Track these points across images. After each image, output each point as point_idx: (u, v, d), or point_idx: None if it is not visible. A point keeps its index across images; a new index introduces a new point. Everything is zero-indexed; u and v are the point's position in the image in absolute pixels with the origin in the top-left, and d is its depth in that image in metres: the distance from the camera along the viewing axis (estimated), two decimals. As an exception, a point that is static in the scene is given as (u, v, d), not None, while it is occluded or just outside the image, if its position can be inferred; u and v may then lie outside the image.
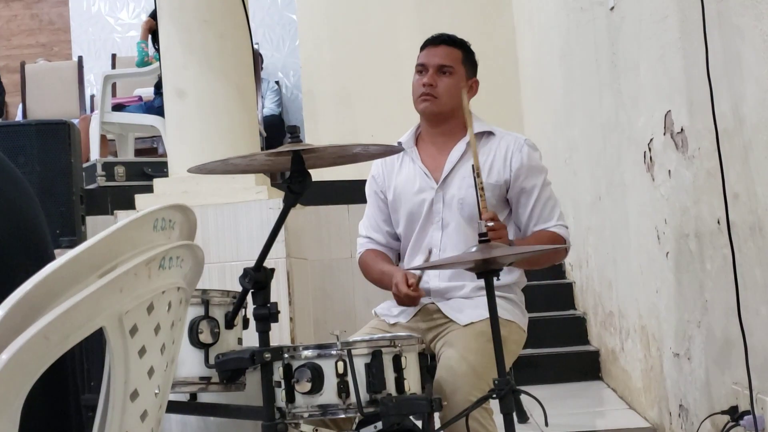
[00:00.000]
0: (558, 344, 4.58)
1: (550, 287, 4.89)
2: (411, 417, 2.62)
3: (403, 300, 2.58)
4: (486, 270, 2.17)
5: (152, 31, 6.29)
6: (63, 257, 1.04)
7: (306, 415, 2.13)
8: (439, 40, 2.78)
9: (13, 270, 1.05)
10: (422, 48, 2.80)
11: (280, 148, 2.04)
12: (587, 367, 4.47)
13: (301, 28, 7.41)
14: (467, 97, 2.70)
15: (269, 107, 8.00)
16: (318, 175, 2.22)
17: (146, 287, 1.11)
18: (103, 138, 6.01)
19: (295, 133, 2.04)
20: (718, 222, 2.42)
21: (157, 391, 1.17)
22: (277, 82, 8.46)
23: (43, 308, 1.00)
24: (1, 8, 8.70)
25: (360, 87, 6.53)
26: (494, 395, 2.16)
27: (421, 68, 2.75)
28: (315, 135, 6.62)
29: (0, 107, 6.83)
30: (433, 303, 2.71)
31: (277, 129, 7.63)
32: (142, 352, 1.12)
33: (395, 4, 6.46)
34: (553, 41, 5.10)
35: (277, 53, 8.57)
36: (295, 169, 2.03)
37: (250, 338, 2.38)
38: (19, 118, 7.13)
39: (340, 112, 6.66)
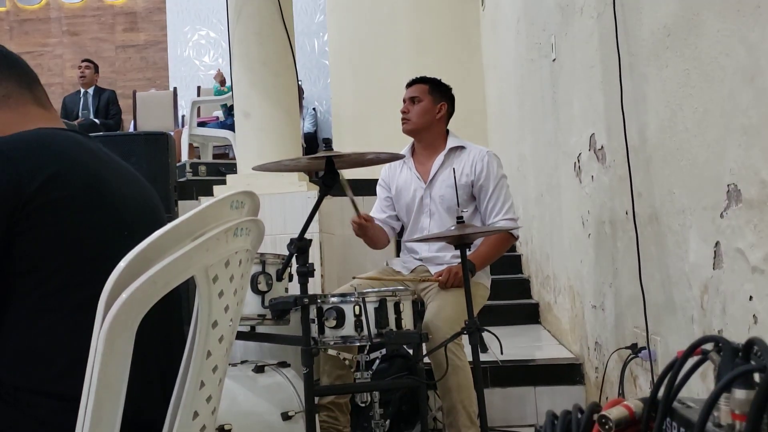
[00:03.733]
0: (510, 298, 4.56)
1: (505, 257, 4.79)
2: (405, 346, 2.63)
3: (355, 228, 2.67)
4: (461, 243, 2.18)
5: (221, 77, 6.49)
6: (167, 226, 1.04)
7: (332, 342, 2.14)
8: (412, 82, 2.85)
9: (138, 234, 1.04)
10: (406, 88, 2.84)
11: (317, 154, 2.04)
12: (530, 315, 4.45)
13: (331, 71, 7.39)
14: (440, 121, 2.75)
15: (307, 126, 7.99)
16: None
17: (225, 249, 1.12)
18: (190, 146, 6.01)
19: (328, 143, 2.04)
20: (626, 213, 2.41)
21: (230, 323, 1.18)
22: (314, 109, 8.43)
23: (153, 261, 1.00)
24: (120, 53, 8.67)
25: (372, 112, 6.50)
26: (465, 332, 2.17)
27: (403, 102, 2.79)
28: (341, 146, 6.61)
29: (118, 123, 6.81)
30: (423, 265, 2.72)
31: (313, 142, 7.62)
32: (220, 294, 1.12)
33: (398, 55, 6.42)
34: (510, 81, 5.07)
35: (314, 87, 8.54)
36: (327, 169, 2.03)
37: (293, 288, 2.39)
38: (130, 130, 7.11)
39: (358, 131, 6.65)
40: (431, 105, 2.75)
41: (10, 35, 8.57)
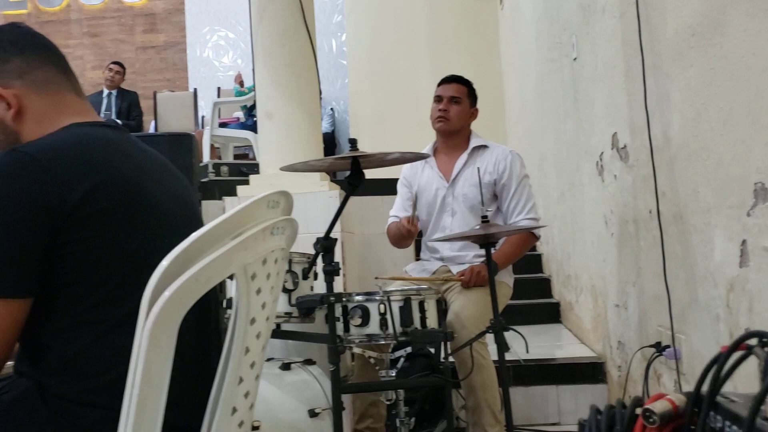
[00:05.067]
0: (530, 297, 4.56)
1: (525, 257, 4.82)
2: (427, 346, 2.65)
3: (404, 230, 2.61)
4: (486, 242, 2.19)
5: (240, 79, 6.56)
6: (208, 225, 1.07)
7: (357, 341, 2.15)
8: (451, 79, 2.80)
9: (178, 235, 1.06)
10: (439, 84, 2.81)
11: (344, 154, 2.06)
12: (551, 314, 4.45)
13: (349, 71, 7.42)
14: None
15: (325, 126, 8.02)
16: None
17: (262, 247, 1.14)
18: (212, 146, 6.06)
19: (354, 144, 2.06)
20: (650, 212, 2.42)
21: (267, 320, 1.20)
22: (331, 109, 8.47)
23: (194, 259, 1.03)
24: (140, 54, 8.75)
25: (390, 112, 6.52)
26: (490, 331, 2.19)
27: (438, 99, 2.76)
28: (359, 146, 6.63)
29: (139, 124, 6.88)
30: (445, 265, 2.74)
31: (330, 142, 7.65)
32: (258, 291, 1.15)
33: (416, 54, 6.44)
34: (530, 80, 5.07)
35: (331, 88, 8.58)
36: (353, 169, 2.05)
37: (318, 286, 2.42)
38: (151, 131, 7.18)
39: (376, 130, 6.67)
40: (468, 108, 2.77)
41: (32, 38, 8.69)
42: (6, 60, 1.27)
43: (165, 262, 1.00)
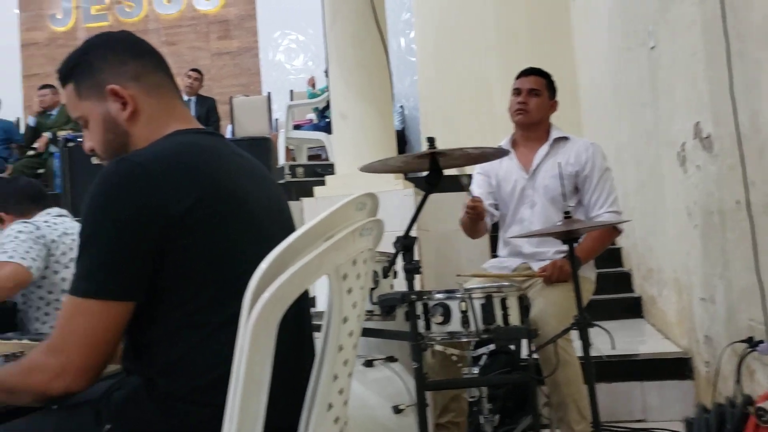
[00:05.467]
0: (610, 292, 4.47)
1: (605, 251, 4.75)
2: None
3: (469, 210, 2.59)
4: (569, 238, 2.17)
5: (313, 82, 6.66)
6: (301, 229, 1.10)
7: (438, 338, 2.16)
8: (530, 71, 2.78)
9: (275, 240, 1.10)
10: (517, 77, 2.79)
11: (422, 152, 2.07)
12: (632, 309, 4.35)
13: (419, 68, 7.42)
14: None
15: (395, 124, 8.04)
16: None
17: (353, 248, 1.17)
18: (287, 148, 6.19)
19: (432, 142, 2.06)
20: (737, 202, 2.34)
21: (357, 319, 1.23)
22: (401, 106, 8.50)
23: (290, 261, 1.06)
24: (216, 60, 9.01)
25: (460, 108, 6.50)
26: (575, 327, 2.16)
27: (517, 91, 2.75)
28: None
29: (217, 129, 7.07)
30: (525, 263, 2.72)
31: (400, 140, 7.68)
32: (349, 291, 1.17)
33: (486, 48, 6.39)
34: (604, 70, 4.96)
35: (400, 85, 8.60)
36: (432, 167, 2.06)
37: (398, 284, 2.44)
38: (228, 135, 7.36)
39: (446, 126, 6.65)
40: (547, 100, 2.75)
41: (114, 49, 9.05)
42: (124, 62, 1.31)
43: (263, 265, 1.04)
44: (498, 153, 2.31)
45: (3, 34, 8.41)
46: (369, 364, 2.30)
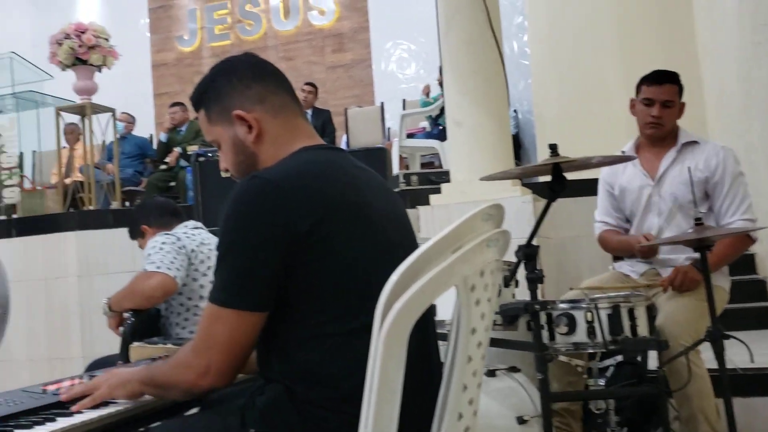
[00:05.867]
0: (743, 301, 4.20)
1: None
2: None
3: (644, 250, 2.49)
4: (701, 246, 2.07)
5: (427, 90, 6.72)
6: (431, 240, 1.12)
7: (563, 349, 2.12)
8: (663, 78, 2.61)
9: (400, 251, 1.13)
10: (648, 83, 2.63)
11: (545, 161, 2.05)
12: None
13: (533, 72, 7.31)
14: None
15: (509, 129, 7.96)
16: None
17: (480, 259, 1.17)
18: (400, 157, 6.26)
19: (555, 149, 2.03)
20: None
21: (485, 330, 1.23)
22: (515, 111, 8.39)
23: (420, 272, 1.08)
24: (330, 74, 9.25)
25: (577, 110, 6.33)
26: (708, 339, 2.06)
27: (648, 102, 2.61)
28: (545, 147, 6.54)
29: (332, 141, 7.26)
30: (654, 269, 2.62)
31: (514, 144, 7.57)
32: (477, 302, 1.18)
33: (603, 49, 6.20)
34: (731, 66, 4.69)
35: (513, 90, 8.46)
36: (555, 174, 2.03)
37: (520, 293, 2.42)
38: (343, 145, 7.53)
39: (563, 130, 6.49)
40: (678, 106, 2.63)
41: (235, 66, 9.50)
42: (248, 86, 1.38)
43: (395, 277, 1.06)
44: (621, 159, 2.24)
45: (136, 56, 9.01)
46: (491, 373, 2.28)
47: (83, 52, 4.62)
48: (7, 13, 9.72)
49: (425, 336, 1.33)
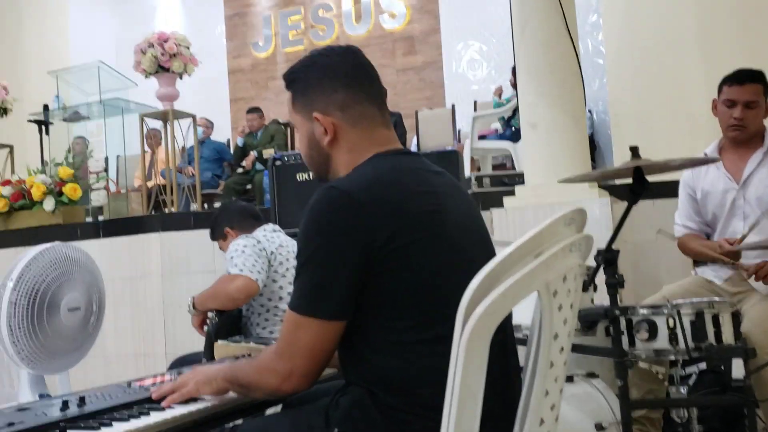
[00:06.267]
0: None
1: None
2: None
3: (727, 255, 2.41)
4: (791, 251, 1.99)
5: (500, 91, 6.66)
6: (512, 245, 1.12)
7: (643, 356, 2.07)
8: (746, 78, 2.53)
9: (478, 258, 1.13)
10: (728, 84, 2.55)
11: (627, 163, 2.00)
12: None
13: (608, 71, 7.15)
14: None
15: (584, 130, 7.81)
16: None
17: (562, 264, 1.17)
18: (472, 159, 6.23)
19: (635, 152, 1.99)
20: None
21: (568, 335, 1.23)
22: (589, 111, 8.22)
23: (500, 278, 1.09)
24: (401, 76, 9.28)
25: (655, 110, 6.15)
26: (801, 348, 1.98)
27: (731, 103, 2.52)
28: (622, 147, 6.38)
29: (403, 143, 7.27)
30: (739, 274, 2.53)
31: (590, 146, 7.43)
32: (559, 308, 1.18)
33: (683, 45, 6.00)
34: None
35: (588, 89, 8.25)
36: (636, 177, 1.99)
37: (597, 298, 2.37)
38: (413, 148, 7.55)
39: (640, 130, 6.33)
40: (764, 107, 2.53)
41: (308, 71, 9.65)
42: (334, 90, 1.39)
43: (475, 282, 1.07)
44: (703, 162, 2.17)
45: (214, 63, 9.28)
46: (569, 379, 2.25)
47: (165, 60, 4.80)
48: (93, 24, 10.18)
49: (504, 340, 1.32)
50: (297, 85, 1.43)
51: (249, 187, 6.85)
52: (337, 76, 1.40)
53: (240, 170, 7.08)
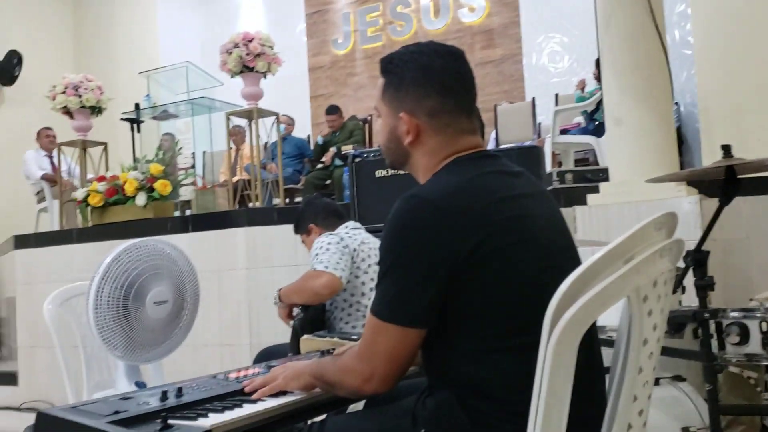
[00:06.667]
0: None
1: None
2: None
3: None
4: None
5: (582, 84, 6.53)
6: (602, 251, 1.11)
7: (734, 360, 2.02)
8: None
9: (561, 259, 1.13)
10: None
11: (719, 162, 1.94)
12: None
13: (697, 62, 6.88)
14: None
15: (671, 124, 7.53)
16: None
17: (653, 269, 1.15)
18: (553, 154, 6.13)
19: (728, 150, 1.93)
20: None
21: (657, 341, 1.21)
22: (676, 103, 7.92)
23: (589, 283, 1.08)
24: (479, 70, 9.19)
25: (749, 103, 5.89)
26: None
27: None
28: (711, 142, 6.14)
29: (482, 136, 7.22)
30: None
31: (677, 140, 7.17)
32: (649, 313, 1.16)
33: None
34: None
35: (675, 81, 7.94)
36: (728, 177, 1.93)
37: (685, 299, 2.31)
38: (491, 143, 7.47)
39: (731, 124, 6.08)
40: None
41: (386, 66, 9.69)
42: (427, 95, 1.38)
43: (564, 287, 1.07)
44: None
45: (295, 60, 9.45)
46: (655, 382, 2.20)
47: (250, 60, 4.93)
48: (180, 25, 10.55)
49: (590, 343, 1.31)
50: (392, 78, 1.42)
51: (328, 182, 6.97)
52: (432, 80, 1.39)
53: (320, 166, 7.21)
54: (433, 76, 1.39)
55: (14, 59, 9.27)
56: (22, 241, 5.29)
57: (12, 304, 5.51)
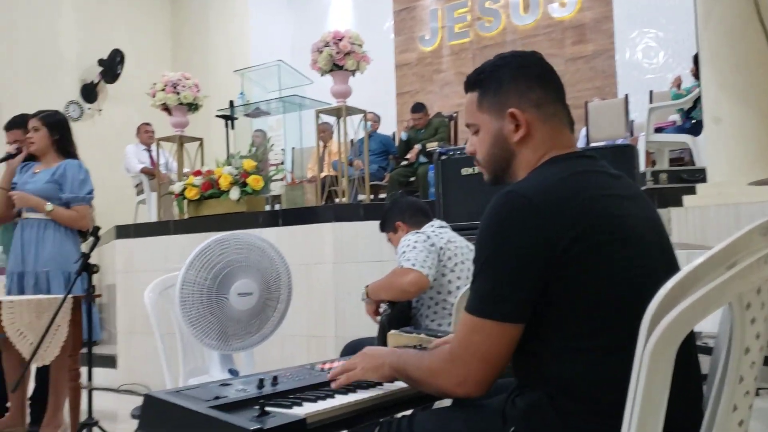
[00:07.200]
0: None
1: None
2: None
3: None
4: None
5: (678, 82, 6.30)
6: (703, 256, 1.09)
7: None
8: None
9: (658, 262, 1.10)
10: None
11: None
12: None
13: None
14: None
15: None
16: None
17: (757, 276, 1.12)
18: (647, 153, 5.95)
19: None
20: None
21: (760, 349, 1.17)
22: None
23: (690, 288, 1.06)
24: (570, 66, 9.01)
25: None
26: None
27: None
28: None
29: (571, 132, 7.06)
30: None
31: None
32: (752, 321, 1.13)
33: None
34: None
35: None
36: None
37: None
38: (581, 140, 7.31)
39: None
40: None
41: (473, 62, 9.65)
42: (531, 88, 1.40)
43: (663, 292, 1.05)
44: None
45: (382, 58, 9.54)
46: (756, 393, 2.11)
47: (340, 59, 5.01)
48: (271, 25, 10.85)
49: (688, 349, 1.28)
50: (488, 84, 1.44)
51: (413, 179, 7.00)
52: (531, 74, 1.42)
53: (404, 162, 7.25)
54: (530, 71, 1.42)
55: (117, 58, 9.78)
56: (123, 232, 5.57)
57: (112, 291, 5.81)
